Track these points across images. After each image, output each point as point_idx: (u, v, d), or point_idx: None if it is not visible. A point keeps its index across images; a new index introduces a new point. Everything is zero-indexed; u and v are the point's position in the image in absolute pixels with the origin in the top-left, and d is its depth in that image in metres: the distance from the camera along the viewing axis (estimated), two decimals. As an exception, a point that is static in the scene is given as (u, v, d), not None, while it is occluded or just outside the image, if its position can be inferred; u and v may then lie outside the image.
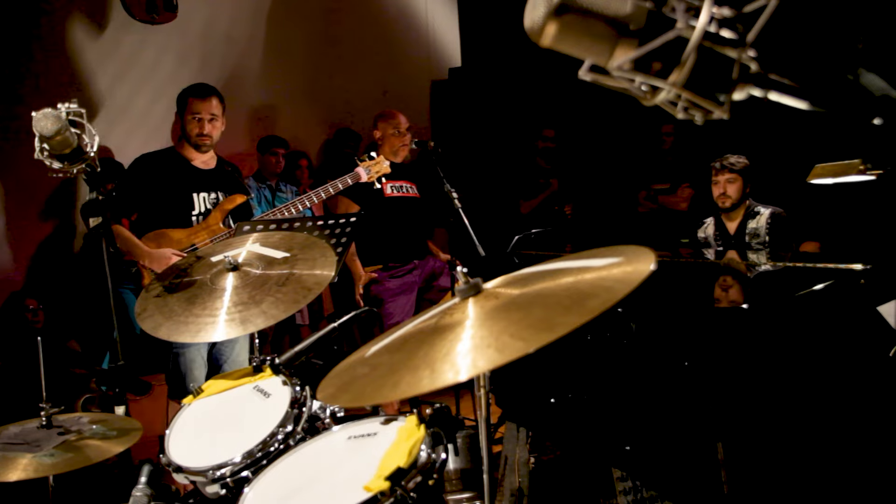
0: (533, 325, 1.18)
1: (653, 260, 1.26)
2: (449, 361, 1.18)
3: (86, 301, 4.77)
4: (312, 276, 2.08)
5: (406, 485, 1.56)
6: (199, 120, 3.55)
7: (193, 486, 1.98)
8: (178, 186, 3.54)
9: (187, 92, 3.63)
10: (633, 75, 0.90)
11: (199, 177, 3.60)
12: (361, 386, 1.28)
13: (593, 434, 2.71)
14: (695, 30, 0.83)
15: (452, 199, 3.80)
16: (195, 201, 3.56)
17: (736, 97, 0.88)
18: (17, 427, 2.02)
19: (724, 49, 0.85)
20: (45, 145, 2.06)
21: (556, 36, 0.90)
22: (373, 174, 3.89)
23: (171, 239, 3.46)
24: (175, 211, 3.51)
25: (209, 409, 2.14)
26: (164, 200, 3.50)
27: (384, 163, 3.95)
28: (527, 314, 1.24)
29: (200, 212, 3.56)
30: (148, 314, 2.10)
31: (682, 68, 0.86)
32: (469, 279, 1.39)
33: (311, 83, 6.32)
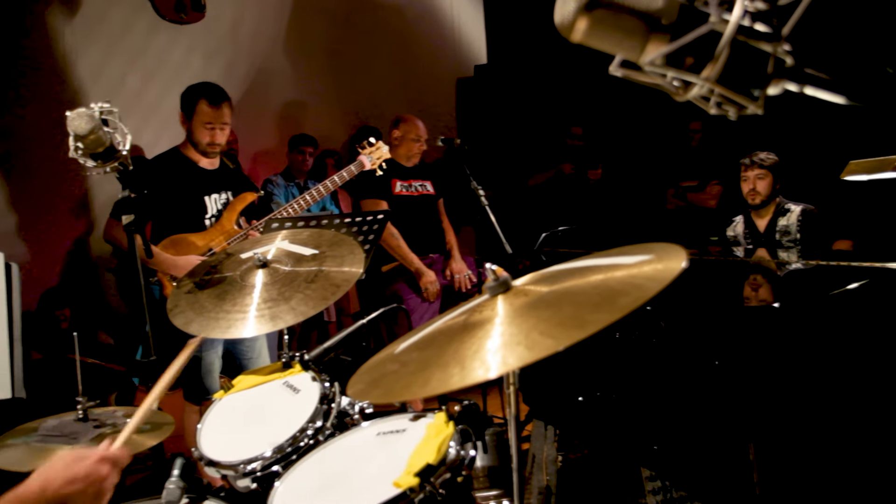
0: (563, 323, 1.18)
1: (684, 258, 1.25)
2: (479, 358, 1.18)
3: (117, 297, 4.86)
4: (341, 274, 2.10)
5: (435, 481, 1.57)
6: (211, 128, 3.43)
7: (225, 479, 2.00)
8: (190, 190, 3.46)
9: (197, 93, 3.48)
10: (665, 70, 0.89)
11: (208, 178, 3.52)
12: (391, 382, 1.28)
13: (622, 433, 2.70)
14: (728, 24, 0.82)
15: (479, 197, 3.80)
16: (207, 204, 3.49)
17: (770, 92, 0.87)
18: (55, 420, 2.06)
19: (759, 43, 0.84)
20: (79, 144, 2.09)
21: (586, 31, 0.89)
22: (375, 160, 3.87)
23: (189, 244, 3.40)
24: (189, 216, 3.44)
25: (240, 404, 2.16)
26: (176, 206, 3.42)
27: (383, 148, 3.92)
28: (556, 311, 1.23)
29: (213, 214, 3.50)
30: (179, 310, 2.13)
31: (715, 63, 0.85)
32: (498, 276, 1.39)
33: (336, 81, 6.35)
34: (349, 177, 3.74)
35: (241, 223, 3.54)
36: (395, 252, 4.26)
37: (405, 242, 4.29)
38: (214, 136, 3.44)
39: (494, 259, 4.19)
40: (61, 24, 4.88)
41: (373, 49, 6.52)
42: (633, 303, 1.16)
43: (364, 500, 1.57)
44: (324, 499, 1.71)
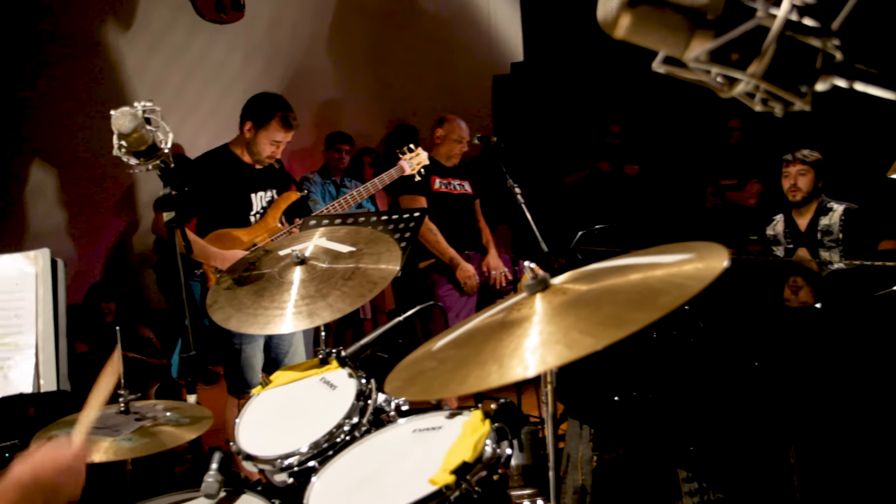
0: (602, 322, 1.17)
1: (726, 257, 1.24)
2: (517, 357, 1.17)
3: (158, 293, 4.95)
4: (378, 271, 2.11)
5: (471, 479, 1.57)
6: (276, 147, 3.53)
7: (262, 473, 2.02)
8: (236, 187, 3.55)
9: (273, 109, 3.53)
10: (709, 67, 0.88)
11: (255, 176, 3.61)
12: (429, 380, 1.29)
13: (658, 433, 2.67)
14: (776, 19, 0.81)
15: (515, 195, 3.79)
16: (253, 201, 3.58)
17: (819, 88, 0.85)
18: (98, 412, 2.09)
19: (807, 38, 0.82)
20: (123, 142, 2.13)
21: (629, 27, 0.88)
22: (414, 166, 3.90)
23: (234, 239, 3.47)
24: (234, 211, 3.53)
25: (277, 399, 2.18)
26: (223, 201, 3.51)
27: (422, 154, 3.95)
28: (595, 310, 1.22)
29: (258, 211, 3.59)
30: (218, 306, 2.16)
31: (761, 59, 0.83)
32: (537, 274, 1.38)
33: (373, 79, 6.38)
34: (389, 181, 3.80)
35: (284, 221, 3.62)
36: (433, 247, 4.28)
37: (443, 237, 4.31)
38: (275, 153, 3.55)
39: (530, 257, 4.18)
40: (105, 25, 4.97)
41: (410, 47, 6.53)
42: (674, 302, 1.15)
43: (400, 496, 1.58)
44: (360, 494, 1.72)
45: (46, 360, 2.22)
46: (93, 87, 4.90)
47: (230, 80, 5.51)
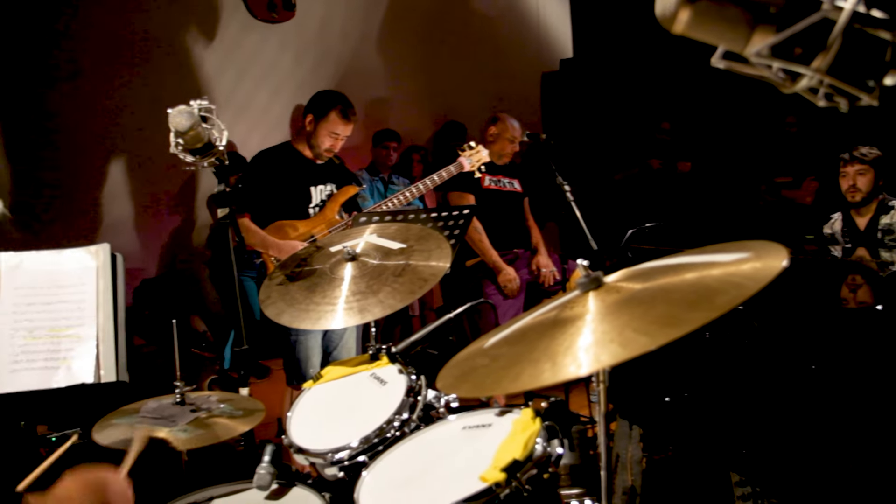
0: (657, 321, 1.16)
1: (785, 256, 1.22)
2: (571, 355, 1.17)
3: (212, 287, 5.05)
4: (428, 268, 2.11)
5: (521, 477, 1.56)
6: (335, 139, 3.67)
7: (313, 467, 2.05)
8: (297, 180, 3.68)
9: (333, 102, 3.67)
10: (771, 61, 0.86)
11: (315, 170, 3.74)
12: (482, 377, 1.29)
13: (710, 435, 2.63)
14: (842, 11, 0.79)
15: (564, 192, 3.77)
16: (312, 194, 3.71)
17: (888, 82, 0.82)
18: (155, 402, 2.15)
19: (876, 31, 0.80)
20: (180, 140, 2.17)
21: (689, 23, 0.87)
22: (474, 163, 3.94)
23: (293, 230, 3.61)
24: (294, 204, 3.66)
25: (328, 394, 2.21)
26: (283, 194, 3.65)
27: (483, 151, 4.00)
28: (650, 309, 1.21)
29: (317, 203, 3.71)
30: (271, 301, 2.19)
31: (827, 53, 0.81)
32: (590, 272, 1.37)
33: (422, 76, 6.40)
34: (447, 177, 3.86)
35: (343, 214, 3.72)
36: (477, 246, 4.28)
37: (488, 237, 4.31)
38: (335, 146, 3.70)
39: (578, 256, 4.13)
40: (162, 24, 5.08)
41: (459, 45, 6.54)
42: (732, 302, 1.13)
43: (450, 493, 1.58)
44: (410, 490, 1.73)
45: (106, 351, 2.28)
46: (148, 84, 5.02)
47: (281, 78, 5.59)
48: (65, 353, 2.26)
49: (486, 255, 4.29)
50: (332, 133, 3.65)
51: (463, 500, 1.55)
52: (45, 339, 2.25)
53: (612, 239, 3.71)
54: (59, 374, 2.23)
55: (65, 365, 2.25)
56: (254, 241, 3.55)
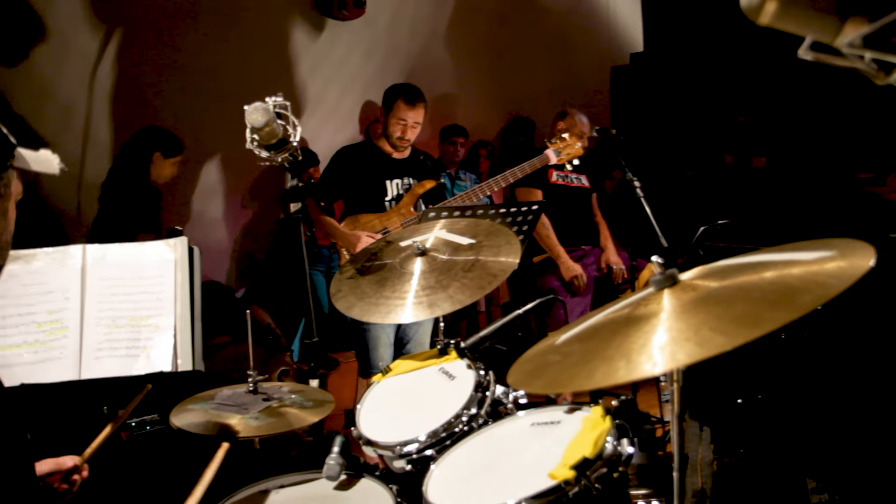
0: (736, 320, 1.13)
1: (872, 255, 1.17)
2: (645, 353, 1.15)
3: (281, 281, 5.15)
4: (497, 263, 2.11)
5: (591, 475, 1.55)
6: (403, 126, 3.77)
7: (381, 459, 2.07)
8: (373, 174, 3.77)
9: (397, 92, 3.82)
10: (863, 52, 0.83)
11: (393, 165, 3.83)
12: (554, 373, 1.28)
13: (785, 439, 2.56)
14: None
15: (635, 188, 3.71)
16: (388, 187, 3.79)
17: None
18: (229, 390, 2.21)
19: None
20: (255, 136, 2.22)
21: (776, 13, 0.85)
22: (563, 157, 3.90)
23: (367, 222, 3.70)
24: (370, 197, 3.76)
25: (397, 387, 2.23)
26: (360, 188, 3.75)
27: (576, 145, 3.95)
28: (728, 308, 1.18)
29: (393, 197, 3.79)
30: (342, 294, 2.23)
31: (924, 43, 0.78)
32: (664, 270, 1.35)
33: (489, 71, 6.38)
34: (531, 170, 3.87)
35: (422, 207, 3.77)
36: (544, 242, 4.26)
37: (555, 233, 4.28)
38: (405, 132, 3.79)
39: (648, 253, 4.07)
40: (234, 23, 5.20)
41: (527, 38, 6.50)
42: (815, 302, 1.10)
43: (518, 489, 1.58)
44: (478, 485, 1.73)
45: (183, 341, 2.35)
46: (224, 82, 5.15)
47: (351, 75, 5.66)
48: (144, 341, 2.34)
49: (554, 252, 4.26)
50: (400, 120, 3.75)
51: (531, 497, 1.54)
52: (127, 329, 2.34)
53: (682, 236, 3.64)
54: (140, 361, 2.31)
55: (144, 353, 2.33)
56: (326, 233, 3.65)
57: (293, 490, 1.99)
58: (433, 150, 5.79)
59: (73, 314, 2.31)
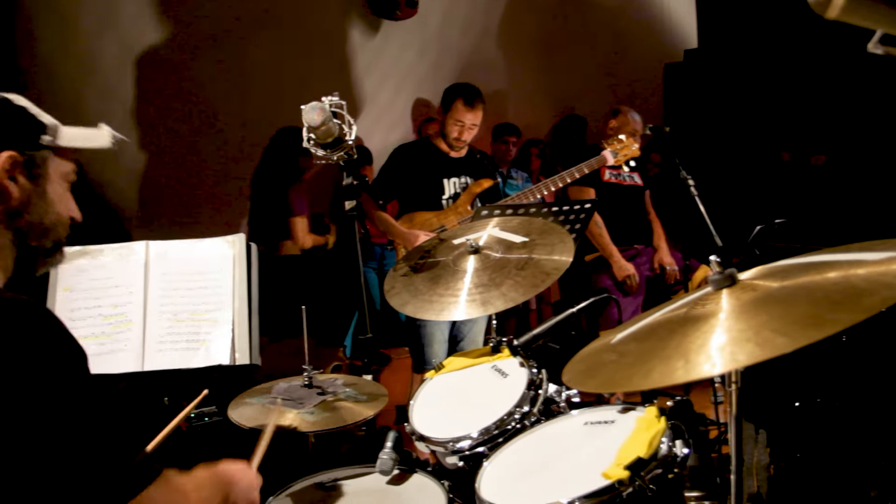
0: (798, 321, 1.11)
1: (944, 256, 1.14)
2: (704, 353, 1.14)
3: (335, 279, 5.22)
4: (551, 262, 2.11)
5: (645, 476, 1.54)
6: (460, 127, 3.79)
7: (433, 455, 2.09)
8: (431, 173, 3.81)
9: (456, 93, 3.83)
10: (936, 46, 0.81)
11: (450, 164, 3.86)
12: (610, 372, 1.28)
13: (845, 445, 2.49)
14: None
15: (689, 187, 3.66)
16: (445, 186, 3.82)
17: None
18: (285, 384, 2.26)
19: None
20: (312, 135, 2.27)
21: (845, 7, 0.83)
22: (620, 157, 3.88)
23: (424, 220, 3.74)
24: (427, 195, 3.80)
25: (449, 384, 2.25)
26: (417, 186, 3.79)
27: (634, 145, 3.92)
28: (790, 309, 1.17)
29: (450, 195, 3.82)
30: (396, 291, 2.25)
31: None
32: (723, 269, 1.33)
33: (542, 70, 6.36)
34: (588, 170, 3.87)
35: (478, 205, 3.76)
36: (596, 241, 4.23)
37: (607, 232, 4.24)
38: (461, 134, 3.81)
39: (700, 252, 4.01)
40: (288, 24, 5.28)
41: (579, 35, 6.46)
42: (882, 303, 1.07)
43: (571, 487, 1.58)
44: (530, 483, 1.73)
45: (241, 335, 2.40)
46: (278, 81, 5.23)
47: (403, 75, 5.70)
48: (204, 335, 2.40)
49: (606, 250, 4.23)
50: (457, 121, 3.77)
51: (584, 496, 1.54)
52: (187, 322, 2.39)
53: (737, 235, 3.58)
54: (199, 354, 2.37)
55: (204, 347, 2.38)
56: (383, 230, 3.69)
57: (347, 484, 2.02)
58: (485, 148, 5.79)
59: (136, 308, 2.38)
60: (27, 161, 1.30)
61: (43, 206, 1.34)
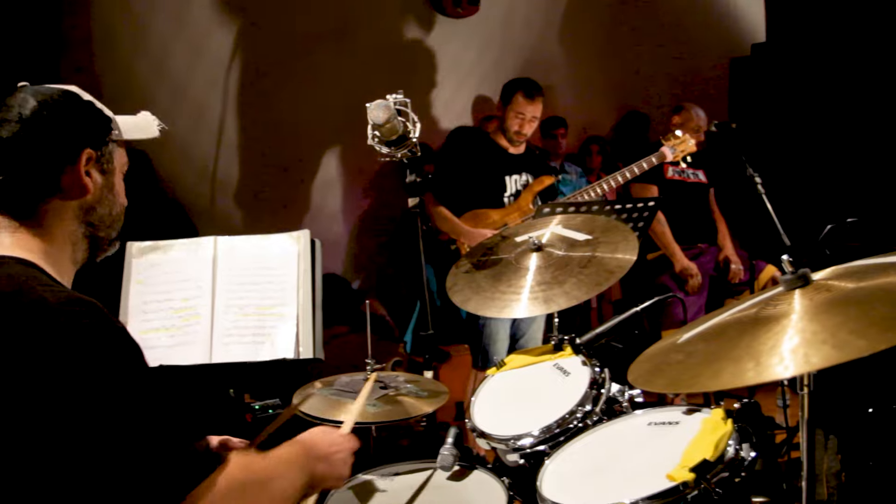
0: (877, 323, 1.08)
1: None
2: (777, 355, 1.11)
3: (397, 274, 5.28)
4: (614, 260, 2.09)
5: (711, 479, 1.51)
6: (521, 120, 3.77)
7: (494, 452, 2.09)
8: (492, 170, 3.79)
9: (516, 86, 3.82)
10: None
11: (511, 160, 3.84)
12: (677, 372, 1.26)
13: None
14: None
15: (756, 185, 3.57)
16: (507, 183, 3.79)
17: None
18: (347, 377, 2.29)
19: None
20: (376, 132, 2.29)
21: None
22: (678, 153, 3.83)
23: (487, 219, 3.72)
24: (489, 193, 3.77)
25: (511, 382, 2.25)
26: (478, 183, 3.76)
27: (689, 141, 3.87)
28: (868, 310, 1.13)
29: (512, 193, 3.80)
30: (458, 288, 2.26)
31: None
32: (795, 269, 1.30)
33: (604, 66, 6.28)
34: (648, 167, 3.84)
35: (538, 204, 3.75)
36: (659, 239, 4.17)
37: (670, 230, 4.18)
38: (522, 127, 3.79)
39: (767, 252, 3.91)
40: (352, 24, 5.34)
41: (642, 29, 6.35)
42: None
43: (634, 488, 1.56)
44: (593, 482, 1.72)
45: (305, 329, 2.44)
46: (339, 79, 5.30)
47: (465, 71, 5.70)
48: (269, 329, 2.44)
49: (669, 249, 4.16)
50: (518, 114, 3.75)
51: (648, 497, 1.52)
52: (253, 316, 2.44)
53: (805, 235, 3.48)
54: (264, 348, 2.41)
55: (269, 341, 2.42)
56: (446, 229, 3.70)
57: (407, 478, 2.03)
58: (536, 142, 5.77)
59: (204, 301, 2.44)
60: (99, 156, 1.33)
61: (112, 198, 1.38)
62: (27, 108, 1.26)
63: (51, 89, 1.31)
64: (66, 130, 1.29)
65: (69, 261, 1.34)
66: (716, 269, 4.34)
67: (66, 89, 1.33)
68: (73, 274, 1.35)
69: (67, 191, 1.29)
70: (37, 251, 1.27)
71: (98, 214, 1.35)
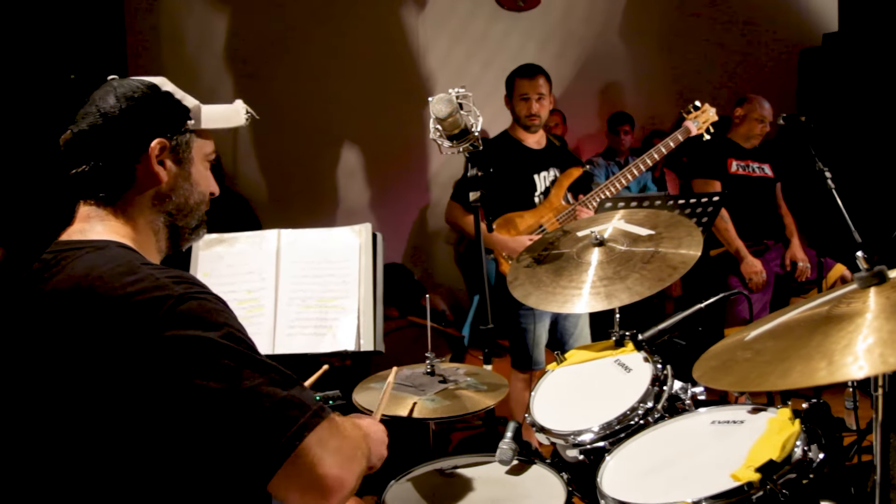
0: (959, 323, 1.04)
1: None
2: (850, 354, 1.08)
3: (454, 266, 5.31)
4: (678, 255, 2.06)
5: (777, 480, 1.48)
6: (527, 100, 3.60)
7: (553, 447, 2.09)
8: (519, 170, 3.62)
9: (513, 74, 3.70)
10: None
11: (536, 157, 3.67)
12: (745, 370, 1.23)
13: None
14: None
15: (826, 180, 3.46)
16: (536, 182, 3.63)
17: None
18: (408, 370, 2.31)
19: None
20: (439, 126, 2.30)
21: None
22: (701, 126, 3.68)
23: (521, 222, 3.56)
24: (519, 194, 3.61)
25: (571, 377, 2.23)
26: (507, 186, 3.58)
27: (710, 110, 3.71)
28: (948, 309, 1.09)
29: (542, 191, 3.63)
30: (519, 283, 2.25)
31: None
32: (870, 266, 1.26)
33: (667, 59, 6.18)
34: (675, 145, 3.62)
35: (570, 198, 3.65)
36: (722, 235, 4.08)
37: (734, 226, 4.09)
38: (531, 107, 3.61)
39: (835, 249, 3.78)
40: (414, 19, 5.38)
41: (706, 20, 6.23)
42: None
43: (697, 487, 1.54)
44: (654, 480, 1.70)
45: (366, 322, 2.48)
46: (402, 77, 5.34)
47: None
48: (331, 321, 2.49)
49: (732, 245, 4.07)
50: (522, 95, 3.61)
51: (712, 497, 1.50)
52: (315, 309, 2.49)
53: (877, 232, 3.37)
54: (326, 340, 2.46)
55: (330, 333, 2.47)
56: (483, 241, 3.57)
57: (467, 471, 2.04)
58: (602, 140, 5.70)
59: (268, 294, 2.49)
60: (174, 146, 1.37)
61: (188, 187, 1.41)
62: (107, 100, 1.32)
63: (132, 81, 1.36)
64: (139, 121, 1.33)
65: (154, 249, 1.40)
66: (782, 267, 4.23)
67: (148, 81, 1.38)
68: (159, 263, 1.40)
69: (142, 180, 1.34)
70: (128, 238, 1.33)
71: (174, 203, 1.40)
